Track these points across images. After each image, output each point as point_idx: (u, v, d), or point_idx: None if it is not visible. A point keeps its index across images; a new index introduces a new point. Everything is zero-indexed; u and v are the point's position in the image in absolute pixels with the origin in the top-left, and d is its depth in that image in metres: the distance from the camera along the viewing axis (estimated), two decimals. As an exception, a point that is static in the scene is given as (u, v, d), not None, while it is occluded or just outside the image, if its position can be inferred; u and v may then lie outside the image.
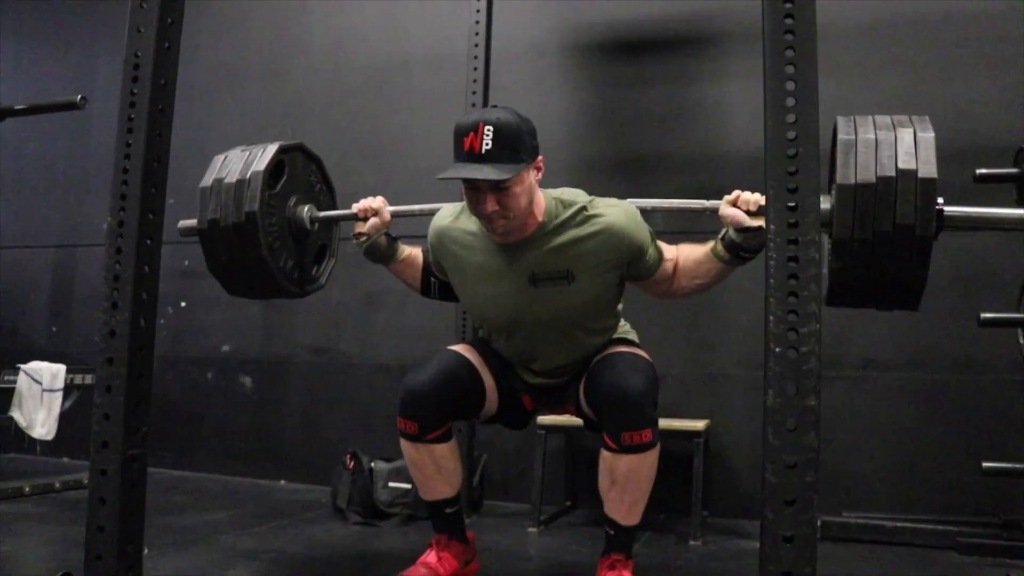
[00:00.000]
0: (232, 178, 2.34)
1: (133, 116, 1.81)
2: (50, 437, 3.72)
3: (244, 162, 2.38)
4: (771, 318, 1.39)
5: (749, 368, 3.47)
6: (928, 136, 1.76)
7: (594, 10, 3.96)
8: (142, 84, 1.82)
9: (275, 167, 2.41)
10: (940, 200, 1.77)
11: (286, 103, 4.44)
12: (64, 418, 3.75)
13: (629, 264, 2.17)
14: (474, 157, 1.99)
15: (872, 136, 1.75)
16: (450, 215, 2.31)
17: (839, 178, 1.73)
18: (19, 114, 3.79)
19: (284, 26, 4.52)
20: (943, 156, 1.80)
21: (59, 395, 3.73)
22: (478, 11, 3.65)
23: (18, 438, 3.95)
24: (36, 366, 3.70)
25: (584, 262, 2.13)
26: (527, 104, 3.85)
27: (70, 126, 4.73)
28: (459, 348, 2.36)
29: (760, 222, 2.04)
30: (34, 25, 5.07)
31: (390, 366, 4.00)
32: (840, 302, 1.86)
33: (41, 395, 3.69)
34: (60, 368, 3.75)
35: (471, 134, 2.00)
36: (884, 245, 1.72)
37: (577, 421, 2.44)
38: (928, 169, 1.72)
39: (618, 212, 2.14)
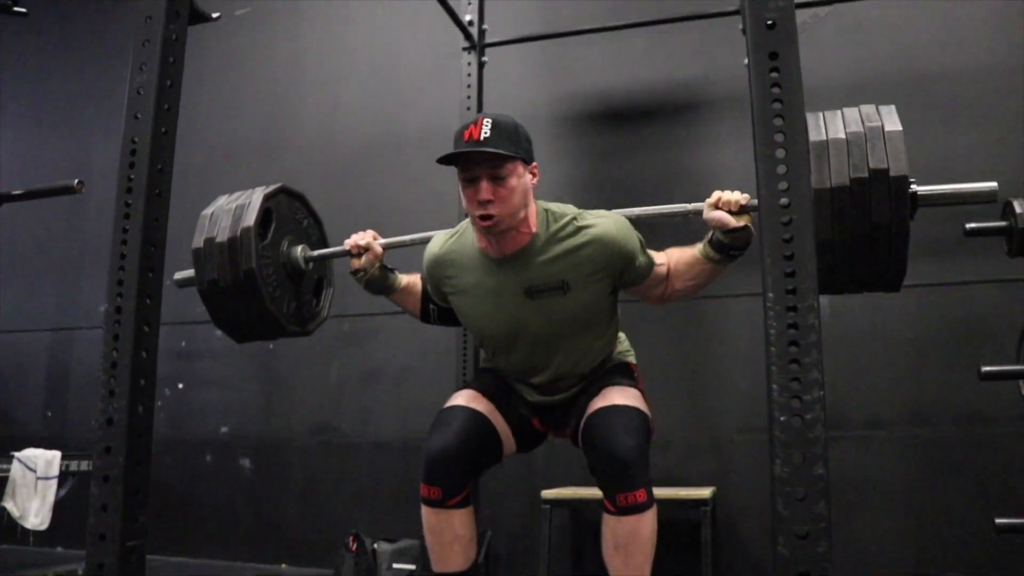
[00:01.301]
0: (223, 237, 2.36)
1: (130, 201, 1.81)
2: (44, 527, 3.64)
3: (232, 217, 2.39)
4: (774, 387, 1.38)
5: (752, 433, 3.44)
6: (896, 131, 1.83)
7: (582, 81, 4.03)
8: (139, 169, 1.82)
9: (263, 217, 2.44)
10: (913, 181, 1.84)
11: (280, 181, 4.46)
12: (59, 507, 3.68)
13: (621, 272, 2.20)
14: (472, 144, 2.06)
15: (843, 136, 1.82)
16: (441, 242, 2.35)
17: (814, 182, 1.79)
18: (16, 199, 3.80)
19: (276, 105, 4.59)
20: (931, 212, 1.83)
21: (54, 483, 3.67)
22: (469, 86, 3.71)
23: (11, 529, 3.87)
24: (30, 453, 3.65)
25: (578, 272, 2.16)
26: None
27: (66, 209, 4.76)
28: (467, 400, 2.30)
29: (745, 220, 2.08)
30: (31, 109, 5.15)
31: (391, 444, 3.96)
32: (828, 291, 1.93)
33: (35, 483, 3.63)
34: (55, 455, 3.70)
35: (471, 127, 2.08)
36: (863, 243, 1.81)
37: (583, 494, 2.41)
38: (899, 166, 1.79)
39: (608, 222, 2.18)
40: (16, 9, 3.69)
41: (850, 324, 3.42)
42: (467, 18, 3.77)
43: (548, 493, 3.22)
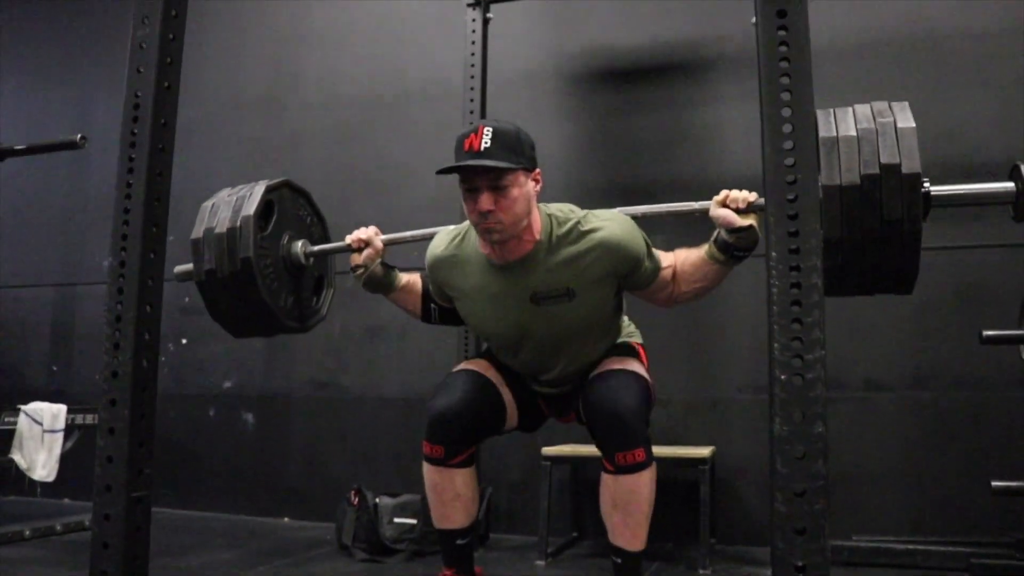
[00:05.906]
0: (223, 227, 2.34)
1: (134, 156, 1.81)
2: (51, 479, 3.68)
3: (232, 208, 2.37)
4: (775, 345, 1.38)
5: (752, 392, 3.46)
6: (909, 127, 1.77)
7: (588, 38, 3.99)
8: (142, 124, 1.81)
9: (264, 209, 2.40)
10: (926, 181, 1.78)
11: (283, 137, 4.46)
12: (65, 459, 3.72)
13: (626, 276, 2.19)
14: (473, 155, 2.04)
15: (853, 133, 1.76)
16: (445, 243, 2.32)
17: (824, 179, 1.73)
18: (19, 154, 3.80)
19: (280, 61, 4.55)
20: (938, 175, 1.80)
21: (60, 436, 3.70)
22: (473, 42, 3.69)
23: (18, 480, 3.91)
24: (37, 407, 3.68)
25: (583, 278, 2.15)
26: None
27: (70, 164, 4.74)
28: (476, 366, 2.34)
29: (751, 220, 2.06)
30: (34, 64, 5.10)
31: (394, 399, 3.99)
32: (836, 293, 1.87)
33: (42, 436, 3.66)
34: (61, 408, 3.73)
35: (471, 136, 2.06)
36: (874, 241, 1.74)
37: (582, 451, 2.43)
38: (911, 164, 1.73)
39: (612, 226, 2.14)
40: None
41: (853, 286, 3.42)
42: (472, -27, 3.72)
43: (548, 450, 3.25)
